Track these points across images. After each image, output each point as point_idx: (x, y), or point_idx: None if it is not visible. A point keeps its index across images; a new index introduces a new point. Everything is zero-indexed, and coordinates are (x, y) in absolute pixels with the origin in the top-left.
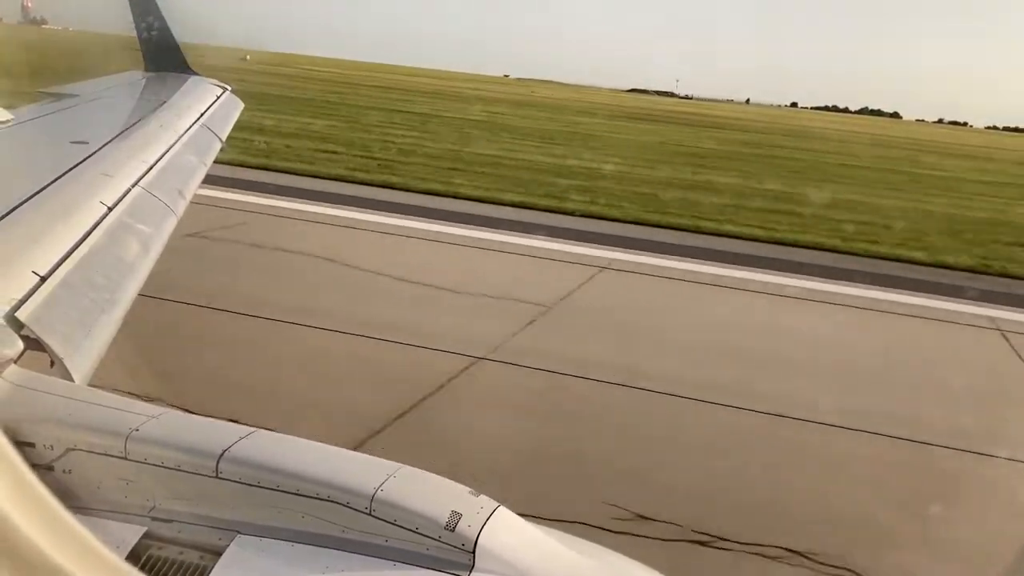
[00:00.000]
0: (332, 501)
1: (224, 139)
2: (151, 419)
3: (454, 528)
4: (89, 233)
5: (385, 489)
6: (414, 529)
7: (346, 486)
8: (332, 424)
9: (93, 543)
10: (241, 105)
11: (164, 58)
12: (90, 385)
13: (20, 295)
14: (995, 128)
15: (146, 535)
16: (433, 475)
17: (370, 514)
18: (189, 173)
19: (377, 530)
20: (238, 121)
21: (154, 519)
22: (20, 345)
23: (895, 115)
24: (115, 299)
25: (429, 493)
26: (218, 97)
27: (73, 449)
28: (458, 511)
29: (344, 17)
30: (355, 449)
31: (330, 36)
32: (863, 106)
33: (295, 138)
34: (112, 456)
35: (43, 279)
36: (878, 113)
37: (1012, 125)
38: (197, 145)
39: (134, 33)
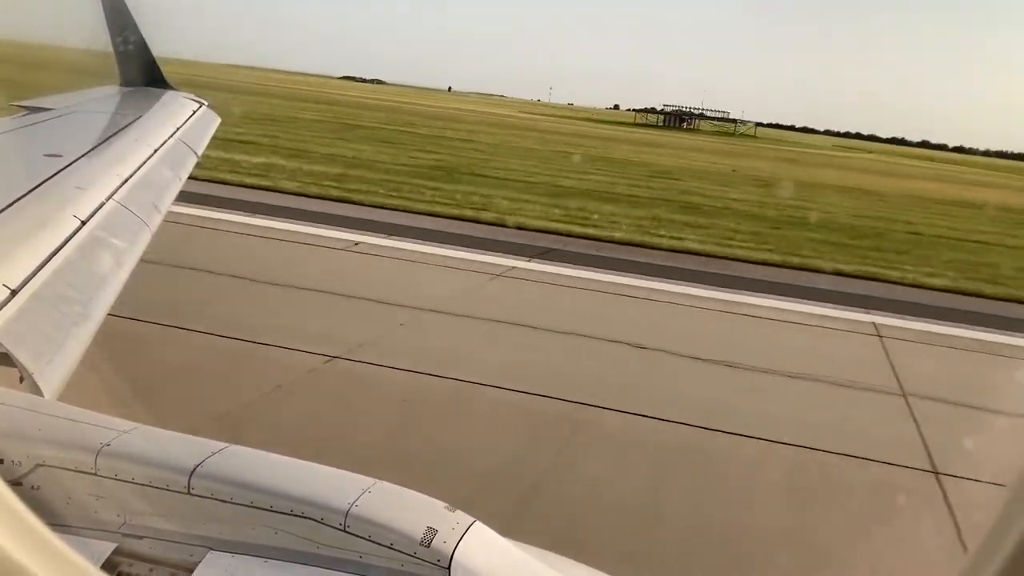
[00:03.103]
0: (305, 517)
1: (200, 153)
2: (122, 434)
3: (429, 544)
4: (62, 247)
5: (360, 505)
6: (389, 545)
7: (320, 502)
8: None
9: (70, 555)
10: (217, 120)
11: (140, 72)
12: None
13: None
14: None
15: (116, 551)
16: (408, 491)
17: (344, 530)
18: (164, 187)
19: (351, 546)
20: None
21: (125, 535)
22: None
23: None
24: (88, 313)
25: (404, 509)
26: (194, 112)
27: (42, 465)
28: (433, 527)
29: None
30: None
31: None
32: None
33: None
34: (82, 472)
35: (14, 292)
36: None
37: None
38: (172, 159)
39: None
